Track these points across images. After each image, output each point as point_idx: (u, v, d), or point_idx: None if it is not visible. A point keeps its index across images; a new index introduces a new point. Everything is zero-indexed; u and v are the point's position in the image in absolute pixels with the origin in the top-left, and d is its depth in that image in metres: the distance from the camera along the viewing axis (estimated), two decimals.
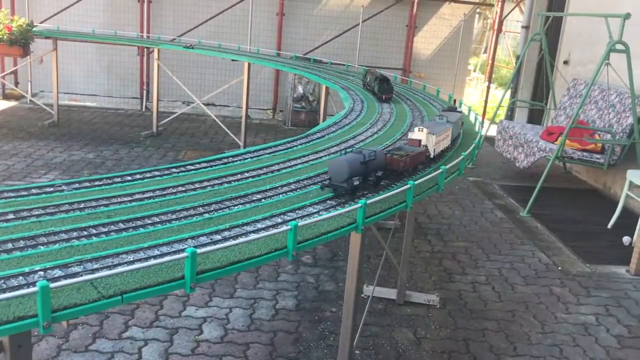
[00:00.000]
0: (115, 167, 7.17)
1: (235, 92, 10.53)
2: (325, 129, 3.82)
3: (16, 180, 6.38)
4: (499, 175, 8.22)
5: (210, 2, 10.61)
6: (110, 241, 1.88)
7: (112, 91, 11.01)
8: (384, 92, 5.12)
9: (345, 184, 2.43)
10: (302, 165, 2.96)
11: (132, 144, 8.29)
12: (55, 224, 1.97)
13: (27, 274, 1.61)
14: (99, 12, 10.55)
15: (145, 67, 10.78)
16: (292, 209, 2.32)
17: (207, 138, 9.11)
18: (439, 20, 11.22)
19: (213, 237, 1.98)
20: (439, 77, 11.26)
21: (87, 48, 10.66)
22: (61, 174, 6.74)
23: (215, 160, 2.90)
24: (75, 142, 8.12)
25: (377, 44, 11.10)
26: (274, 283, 4.57)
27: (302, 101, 10.54)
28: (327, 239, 2.13)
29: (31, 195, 2.21)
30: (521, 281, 4.93)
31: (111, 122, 9.65)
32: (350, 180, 2.45)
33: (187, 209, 2.24)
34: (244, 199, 2.39)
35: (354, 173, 2.44)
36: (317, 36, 10.92)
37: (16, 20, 7.95)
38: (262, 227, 2.10)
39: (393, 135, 3.77)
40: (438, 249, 5.49)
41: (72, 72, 10.75)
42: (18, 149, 7.55)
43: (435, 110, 4.87)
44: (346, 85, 5.87)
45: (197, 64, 10.79)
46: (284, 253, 1.96)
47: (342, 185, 2.44)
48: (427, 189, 2.74)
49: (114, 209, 2.16)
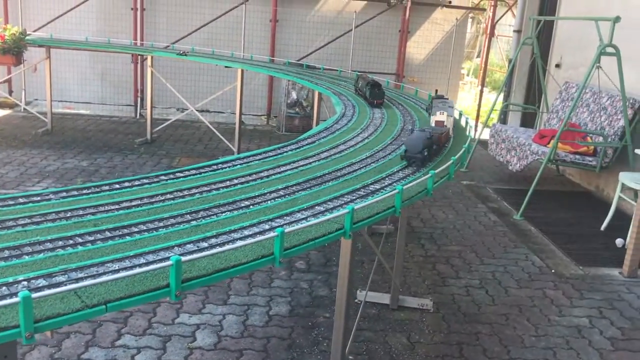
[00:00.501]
0: (109, 174, 7.16)
1: (229, 98, 10.54)
2: (316, 135, 3.82)
3: (9, 189, 6.37)
4: (493, 179, 8.24)
5: (204, 10, 10.63)
6: (96, 250, 1.88)
7: (106, 99, 11.01)
8: (376, 97, 5.13)
9: (419, 155, 3.11)
10: (291, 171, 2.96)
11: (126, 152, 8.29)
12: (40, 233, 1.96)
13: (11, 284, 1.61)
14: (92, 20, 10.56)
15: (139, 75, 10.79)
16: (280, 215, 2.32)
17: (201, 144, 9.11)
18: (431, 25, 11.26)
19: (200, 245, 1.98)
20: (432, 81, 11.30)
21: (80, 56, 10.67)
22: (54, 182, 6.73)
23: (205, 167, 2.90)
24: (69, 150, 8.11)
25: (370, 49, 11.13)
26: (268, 289, 4.56)
27: (295, 107, 10.56)
28: (314, 245, 2.13)
29: (18, 205, 2.21)
30: (515, 284, 4.94)
31: (105, 129, 9.64)
32: (423, 151, 3.11)
33: (174, 216, 2.23)
34: (232, 206, 2.39)
35: (425, 146, 3.13)
36: (310, 42, 10.95)
37: (9, 29, 7.95)
38: (250, 234, 2.10)
39: (384, 140, 3.78)
40: (432, 253, 5.49)
41: (65, 80, 10.75)
42: (12, 157, 7.53)
43: (426, 115, 4.88)
44: (338, 91, 5.88)
45: (190, 71, 10.81)
46: (270, 260, 1.96)
47: (416, 156, 3.12)
48: (416, 193, 2.75)
49: (100, 218, 2.16)
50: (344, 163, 3.16)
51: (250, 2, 10.61)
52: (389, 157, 3.35)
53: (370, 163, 3.20)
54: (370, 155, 3.37)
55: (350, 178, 2.89)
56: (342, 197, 2.58)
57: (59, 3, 10.39)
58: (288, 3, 10.77)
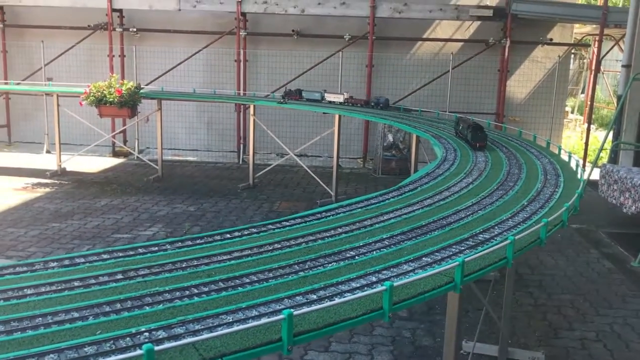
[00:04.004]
0: (214, 219, 7.44)
1: (325, 142, 10.70)
2: (417, 181, 3.78)
3: (123, 234, 6.77)
4: (605, 222, 7.74)
5: (302, 59, 10.99)
6: (211, 301, 1.94)
7: (211, 146, 11.56)
8: (478, 140, 5.02)
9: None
10: (394, 219, 2.93)
11: (230, 196, 8.60)
12: (159, 284, 2.06)
13: (134, 334, 1.69)
14: (198, 72, 11.21)
15: (242, 123, 11.25)
16: (386, 266, 2.29)
17: (299, 188, 9.29)
18: (532, 64, 10.96)
19: (308, 297, 1.99)
20: (534, 120, 10.92)
21: (188, 106, 11.32)
22: (164, 226, 7.08)
23: (309, 215, 2.94)
24: (177, 195, 8.54)
25: (468, 90, 10.98)
26: (369, 337, 4.49)
27: (392, 149, 10.55)
28: (423, 300, 2.08)
29: (138, 255, 2.33)
30: (637, 338, 4.55)
31: (210, 175, 10.08)
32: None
33: (282, 266, 2.27)
34: (338, 256, 2.40)
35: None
36: (406, 85, 10.98)
37: (126, 84, 8.60)
38: (357, 287, 2.09)
39: (489, 186, 3.67)
40: (541, 301, 5.20)
41: (174, 129, 11.41)
42: (126, 203, 8.03)
43: (534, 158, 4.70)
44: (437, 134, 5.81)
45: (289, 117, 11.13)
46: (379, 314, 1.93)
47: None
48: (528, 243, 2.63)
49: (213, 268, 2.23)
50: (449, 210, 3.09)
51: (346, 48, 10.85)
52: (497, 204, 3.25)
53: (477, 210, 3.11)
54: (477, 202, 3.28)
55: (457, 227, 2.82)
56: (450, 248, 2.51)
57: (169, 58, 11.14)
58: (384, 48, 10.90)
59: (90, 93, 8.39)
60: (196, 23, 11.19)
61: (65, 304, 1.88)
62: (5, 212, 7.51)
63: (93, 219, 7.27)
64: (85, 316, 1.80)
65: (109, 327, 1.73)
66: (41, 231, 6.78)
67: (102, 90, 8.35)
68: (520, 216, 3.03)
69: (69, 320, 1.77)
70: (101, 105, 8.41)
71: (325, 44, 10.96)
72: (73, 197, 8.26)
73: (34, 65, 11.54)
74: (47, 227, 6.92)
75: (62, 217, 7.31)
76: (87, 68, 11.39)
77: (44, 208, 7.68)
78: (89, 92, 8.41)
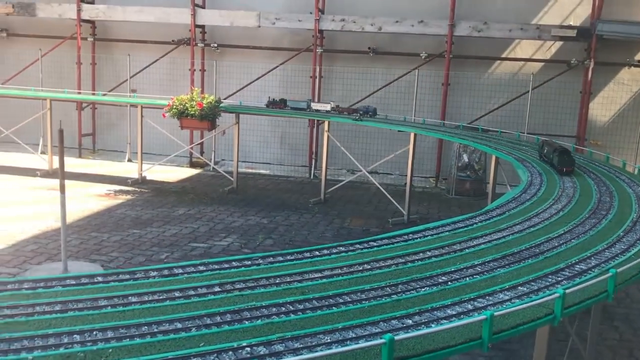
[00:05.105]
0: (286, 232, 7.52)
1: (397, 160, 10.63)
2: (504, 205, 3.69)
3: (200, 243, 6.94)
4: None
5: (377, 76, 11.00)
6: (307, 319, 1.95)
7: (284, 160, 11.73)
8: (565, 164, 4.86)
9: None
10: (485, 245, 2.87)
11: (301, 210, 8.68)
12: (256, 299, 2.09)
13: (236, 349, 1.72)
14: (274, 87, 11.42)
15: (315, 138, 11.35)
16: (481, 294, 2.24)
17: (370, 206, 9.25)
18: (617, 86, 10.52)
19: (404, 321, 1.97)
20: (617, 145, 10.45)
21: (262, 120, 11.54)
22: (239, 237, 7.21)
23: (396, 236, 2.92)
24: (251, 207, 8.69)
25: (548, 111, 10.65)
26: None
27: (467, 170, 10.35)
28: (523, 331, 2.02)
29: (232, 268, 2.38)
30: None
31: (283, 189, 10.22)
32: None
33: (374, 288, 2.26)
34: (430, 281, 2.37)
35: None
36: (483, 105, 10.77)
37: (207, 98, 8.86)
38: (453, 314, 2.05)
39: (581, 213, 3.53)
40: (627, 337, 4.94)
41: (249, 142, 11.65)
42: (202, 213, 8.25)
43: (625, 185, 4.50)
44: (520, 157, 5.66)
45: (363, 134, 11.13)
46: (478, 344, 1.89)
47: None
48: (629, 277, 2.51)
49: (306, 285, 2.25)
50: (541, 238, 3.00)
51: (422, 66, 10.79)
52: (590, 233, 3.12)
53: (570, 239, 2.99)
54: (569, 230, 3.16)
55: (551, 255, 2.72)
56: (546, 277, 2.43)
57: (247, 73, 11.42)
58: (460, 66, 10.76)
59: (173, 105, 8.70)
60: (274, 39, 11.44)
61: (168, 313, 1.94)
62: (90, 217, 7.87)
63: (171, 227, 7.51)
64: (187, 327, 1.85)
65: (211, 340, 1.77)
66: (122, 237, 7.06)
67: (185, 103, 8.64)
68: (617, 247, 2.90)
69: (173, 330, 1.83)
70: (183, 117, 8.71)
71: (401, 62, 10.94)
72: (152, 205, 8.56)
73: (119, 76, 12.10)
74: (128, 234, 7.20)
75: (142, 224, 7.58)
76: (169, 81, 11.83)
77: (126, 215, 8.00)
78: (172, 104, 8.73)
